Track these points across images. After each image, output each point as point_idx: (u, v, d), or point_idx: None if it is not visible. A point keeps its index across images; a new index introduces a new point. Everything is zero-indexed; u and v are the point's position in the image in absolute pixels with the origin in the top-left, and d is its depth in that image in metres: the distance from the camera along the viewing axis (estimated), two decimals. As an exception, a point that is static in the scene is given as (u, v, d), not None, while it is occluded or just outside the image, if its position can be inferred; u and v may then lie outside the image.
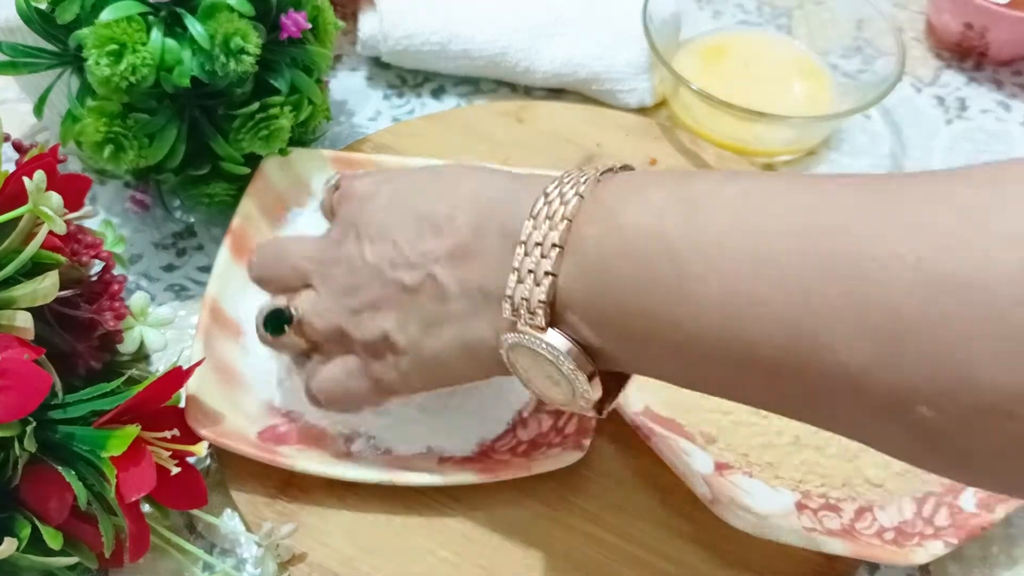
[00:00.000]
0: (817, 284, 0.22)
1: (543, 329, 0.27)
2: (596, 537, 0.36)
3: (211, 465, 0.38)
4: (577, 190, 0.27)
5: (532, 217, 0.28)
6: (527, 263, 0.27)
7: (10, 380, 0.29)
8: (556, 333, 0.27)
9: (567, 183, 0.28)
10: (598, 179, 0.28)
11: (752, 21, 0.57)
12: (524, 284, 0.27)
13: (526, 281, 0.27)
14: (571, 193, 0.27)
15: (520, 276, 0.27)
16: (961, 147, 0.53)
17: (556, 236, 0.27)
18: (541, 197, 0.28)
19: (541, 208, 0.28)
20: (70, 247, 0.35)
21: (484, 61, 0.52)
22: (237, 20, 0.38)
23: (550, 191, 0.28)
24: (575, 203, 0.27)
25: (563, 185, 0.28)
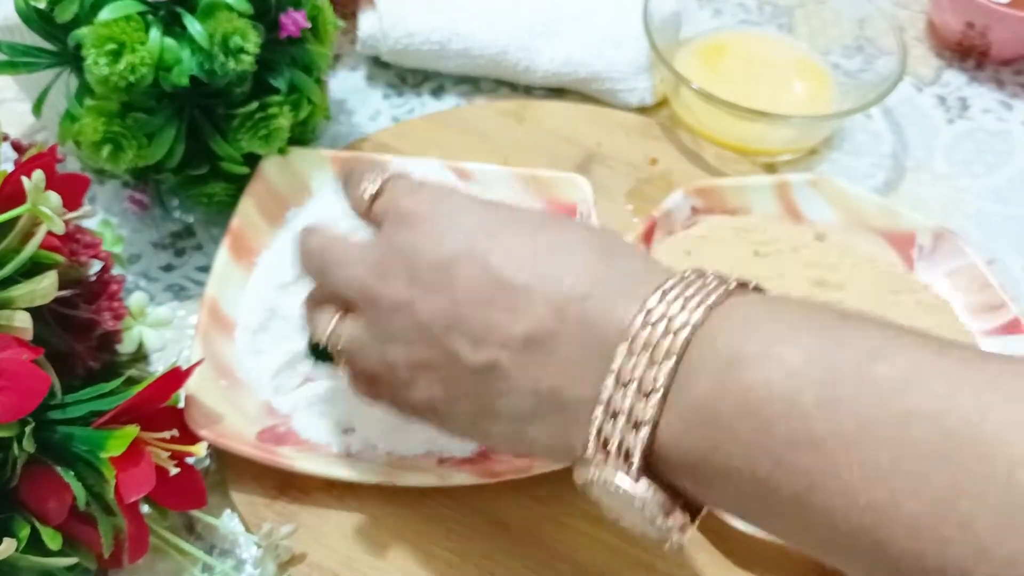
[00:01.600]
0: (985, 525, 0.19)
1: (634, 480, 0.24)
2: (596, 538, 0.36)
3: (210, 466, 0.38)
4: (687, 319, 0.23)
5: (629, 339, 0.23)
6: (619, 398, 0.23)
7: (9, 380, 0.28)
8: (647, 484, 0.24)
9: (673, 298, 0.24)
10: (711, 306, 0.23)
11: (753, 20, 0.57)
12: (615, 425, 0.23)
13: (618, 420, 0.23)
14: (679, 320, 0.23)
15: (609, 411, 0.23)
16: (962, 147, 0.53)
17: (660, 377, 0.23)
18: (641, 314, 0.24)
19: (640, 331, 0.23)
20: (69, 247, 0.35)
21: (484, 60, 0.52)
22: (236, 19, 0.38)
23: (652, 308, 0.24)
24: (685, 336, 0.23)
25: (669, 303, 0.24)
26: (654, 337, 0.23)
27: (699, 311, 0.23)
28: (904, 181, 0.51)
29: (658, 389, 0.23)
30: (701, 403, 0.23)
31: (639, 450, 0.23)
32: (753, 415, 0.22)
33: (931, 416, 0.20)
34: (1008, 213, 0.50)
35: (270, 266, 0.42)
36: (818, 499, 0.21)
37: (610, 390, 0.24)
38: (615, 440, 0.24)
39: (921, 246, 0.44)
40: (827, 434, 0.21)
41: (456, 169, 0.45)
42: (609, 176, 0.49)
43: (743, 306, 0.24)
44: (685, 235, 0.44)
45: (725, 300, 0.24)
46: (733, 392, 0.22)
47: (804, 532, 0.22)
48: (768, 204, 0.45)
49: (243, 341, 0.40)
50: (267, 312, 0.40)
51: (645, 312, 0.24)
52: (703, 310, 0.23)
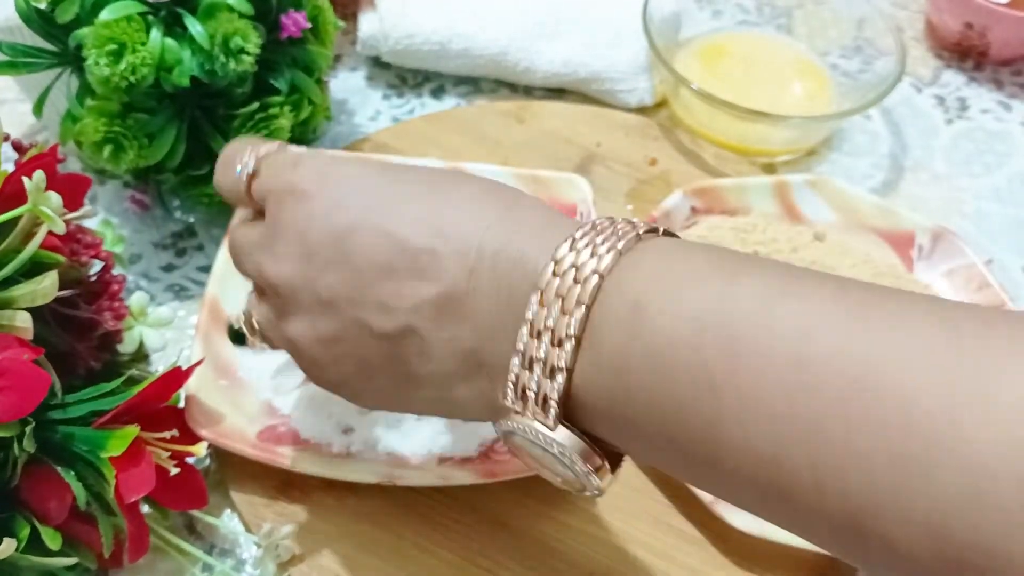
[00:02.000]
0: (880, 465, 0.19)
1: (551, 427, 0.24)
2: (596, 537, 0.36)
3: (210, 465, 0.38)
4: (596, 267, 0.23)
5: (540, 290, 0.23)
6: (534, 347, 0.23)
7: (9, 380, 0.29)
8: (565, 430, 0.24)
9: (583, 246, 0.24)
10: (620, 251, 0.23)
11: (752, 21, 0.57)
12: (532, 373, 0.24)
13: (534, 370, 0.23)
14: (588, 268, 0.23)
15: (525, 361, 0.24)
16: (961, 147, 0.53)
17: (572, 325, 0.23)
18: (551, 264, 0.23)
19: (550, 280, 0.23)
20: (69, 247, 0.35)
21: (484, 61, 0.52)
22: (237, 20, 0.38)
23: (561, 257, 0.23)
24: (594, 285, 0.23)
25: (578, 252, 0.23)
26: (564, 286, 0.23)
27: (608, 257, 0.23)
28: (903, 181, 0.51)
29: (570, 337, 0.23)
30: (611, 350, 0.23)
31: (556, 397, 0.23)
32: (658, 361, 0.22)
33: (826, 360, 0.20)
34: (1007, 213, 0.50)
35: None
36: (721, 443, 0.21)
37: (525, 340, 0.23)
38: (533, 388, 0.24)
39: (920, 246, 0.44)
40: (725, 380, 0.21)
41: (456, 170, 0.45)
42: (609, 176, 0.49)
43: (651, 252, 0.24)
44: (684, 235, 0.44)
45: (635, 246, 0.24)
46: (640, 338, 0.22)
47: (711, 480, 0.23)
48: (767, 204, 0.45)
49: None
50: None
51: (554, 262, 0.24)
52: (612, 256, 0.23)
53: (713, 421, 0.21)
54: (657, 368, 0.22)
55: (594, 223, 0.25)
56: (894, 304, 0.21)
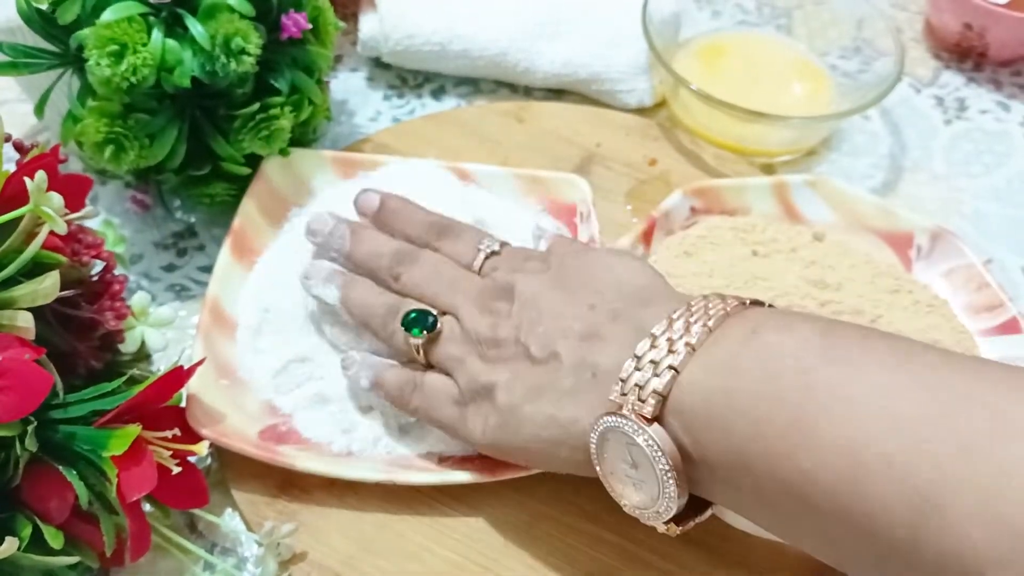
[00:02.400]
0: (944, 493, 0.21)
1: (648, 421, 0.27)
2: (596, 537, 0.36)
3: (212, 464, 0.38)
4: (725, 307, 0.28)
5: (669, 319, 0.28)
6: (650, 354, 0.28)
7: (11, 380, 0.29)
8: (660, 428, 0.27)
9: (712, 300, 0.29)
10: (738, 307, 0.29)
11: (751, 21, 0.57)
12: (642, 372, 0.27)
13: (645, 369, 0.27)
14: (716, 308, 0.28)
15: (639, 364, 0.28)
16: (960, 147, 0.53)
17: (692, 339, 0.27)
18: (683, 307, 0.29)
19: (681, 313, 0.28)
20: (71, 247, 0.35)
21: (484, 61, 0.53)
22: (238, 20, 0.38)
23: (693, 304, 0.29)
24: (719, 315, 0.28)
25: (708, 300, 0.29)
26: (691, 316, 0.28)
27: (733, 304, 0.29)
28: (902, 182, 0.51)
29: (688, 345, 0.27)
30: (724, 356, 0.27)
31: (661, 388, 0.27)
32: (764, 365, 0.26)
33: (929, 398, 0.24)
34: (1006, 213, 0.50)
35: (271, 266, 0.42)
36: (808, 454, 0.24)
37: (644, 348, 0.28)
38: (638, 385, 0.27)
39: (919, 246, 0.44)
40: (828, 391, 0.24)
41: (456, 170, 0.45)
42: (608, 177, 0.49)
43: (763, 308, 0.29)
44: (684, 235, 0.44)
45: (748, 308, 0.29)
46: (753, 348, 0.26)
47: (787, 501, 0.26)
48: (767, 204, 0.45)
49: (244, 341, 0.40)
50: (267, 312, 0.40)
51: (687, 306, 0.29)
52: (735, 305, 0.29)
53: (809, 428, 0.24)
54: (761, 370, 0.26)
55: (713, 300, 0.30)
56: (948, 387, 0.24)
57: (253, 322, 0.40)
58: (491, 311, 0.34)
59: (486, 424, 0.33)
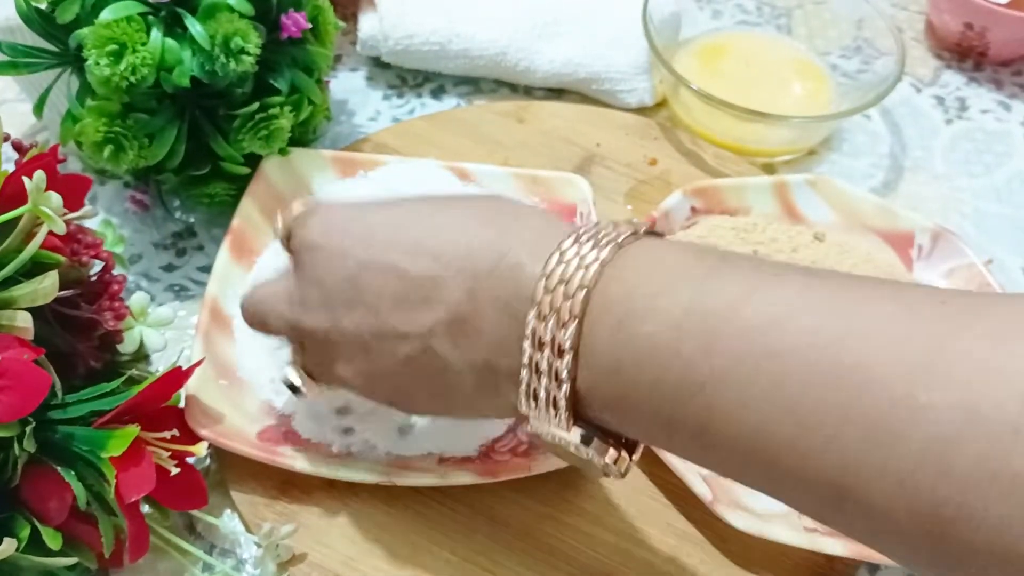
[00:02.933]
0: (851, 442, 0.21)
1: (565, 429, 0.26)
2: (596, 537, 0.36)
3: (211, 465, 0.38)
4: (583, 279, 0.25)
5: (536, 304, 0.25)
6: (538, 358, 0.25)
7: (10, 380, 0.29)
8: (578, 431, 0.26)
9: (570, 259, 0.25)
10: (603, 262, 0.25)
11: (752, 21, 0.57)
12: (540, 382, 0.26)
13: (541, 379, 0.26)
14: (575, 282, 0.25)
15: (533, 371, 0.26)
16: (961, 147, 0.53)
17: (567, 338, 0.25)
18: (542, 279, 0.25)
19: (543, 297, 0.25)
20: (70, 247, 0.35)
21: (484, 61, 0.52)
22: (237, 20, 0.38)
23: (551, 272, 0.25)
24: (582, 298, 0.25)
25: (565, 263, 0.25)
26: (556, 301, 0.25)
27: (594, 268, 0.25)
28: (903, 181, 0.51)
29: (568, 350, 0.25)
30: (605, 358, 0.25)
31: (563, 403, 0.25)
32: (646, 366, 0.24)
33: (795, 347, 0.22)
34: (1006, 213, 0.50)
35: (270, 265, 0.42)
36: (711, 434, 0.23)
37: (529, 352, 0.26)
38: (542, 395, 0.26)
39: (920, 246, 0.44)
40: (707, 377, 0.23)
41: (456, 170, 0.45)
42: (608, 176, 0.49)
43: (633, 260, 0.26)
44: (684, 235, 0.44)
45: (617, 252, 0.26)
46: (627, 346, 0.24)
47: (712, 461, 0.25)
48: (767, 204, 0.45)
49: (243, 341, 0.40)
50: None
51: (545, 277, 0.25)
52: (597, 267, 0.25)
53: (702, 415, 0.23)
54: (645, 371, 0.24)
55: (578, 231, 0.26)
56: (857, 290, 0.23)
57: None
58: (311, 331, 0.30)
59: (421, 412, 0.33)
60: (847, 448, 0.21)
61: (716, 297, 0.24)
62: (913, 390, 0.20)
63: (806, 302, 0.23)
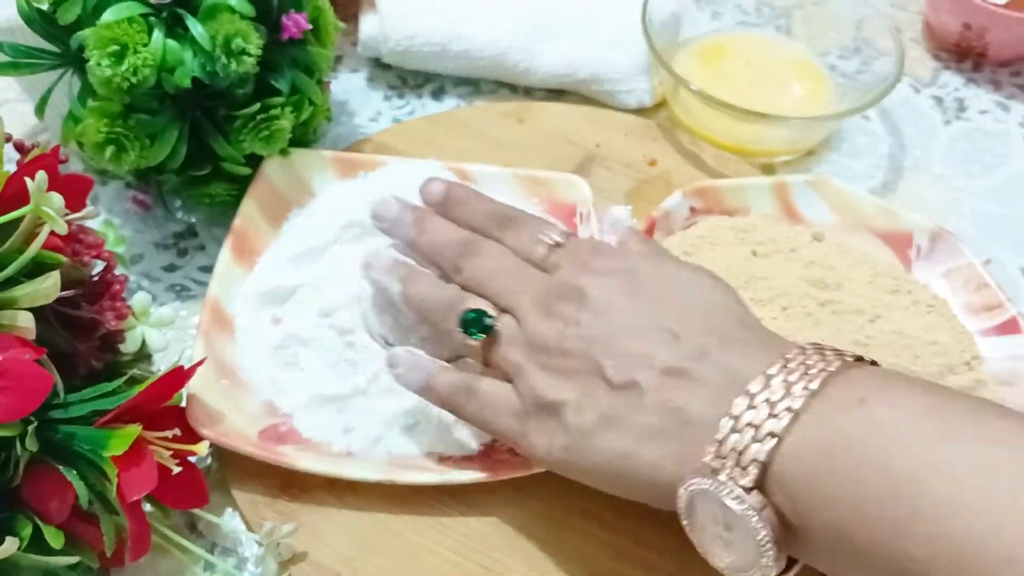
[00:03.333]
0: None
1: (748, 489, 0.26)
2: (597, 536, 0.36)
3: (212, 464, 0.38)
4: (825, 365, 0.26)
5: (766, 376, 0.27)
6: (748, 415, 0.26)
7: (11, 380, 0.29)
8: (760, 496, 0.26)
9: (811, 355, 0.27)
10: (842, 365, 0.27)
11: (751, 22, 0.57)
12: (740, 434, 0.26)
13: (743, 432, 0.26)
14: (816, 365, 0.26)
15: (737, 425, 0.26)
16: (960, 147, 0.53)
17: (795, 403, 0.26)
18: (780, 361, 0.27)
19: (778, 372, 0.27)
20: (71, 247, 0.35)
21: (484, 62, 0.53)
22: (238, 21, 0.38)
23: (790, 357, 0.27)
24: (821, 375, 0.26)
25: (806, 354, 0.27)
26: (791, 378, 0.26)
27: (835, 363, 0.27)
28: (902, 182, 0.51)
29: (791, 411, 0.26)
30: (829, 428, 0.25)
31: (763, 457, 0.25)
32: (872, 443, 0.25)
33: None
34: (1005, 213, 0.50)
35: (270, 265, 0.42)
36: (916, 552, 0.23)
37: (741, 408, 0.26)
38: (737, 451, 0.26)
39: (919, 246, 0.44)
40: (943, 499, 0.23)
41: (456, 170, 0.45)
42: (608, 177, 0.49)
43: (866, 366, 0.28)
44: (684, 235, 0.44)
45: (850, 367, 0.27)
46: (859, 421, 0.25)
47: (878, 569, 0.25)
48: (766, 205, 0.46)
49: (244, 341, 0.40)
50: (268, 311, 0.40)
51: (784, 359, 0.27)
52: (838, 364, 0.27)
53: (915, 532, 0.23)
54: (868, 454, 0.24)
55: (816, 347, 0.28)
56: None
57: (253, 322, 0.40)
58: (556, 315, 0.32)
59: (551, 443, 0.31)
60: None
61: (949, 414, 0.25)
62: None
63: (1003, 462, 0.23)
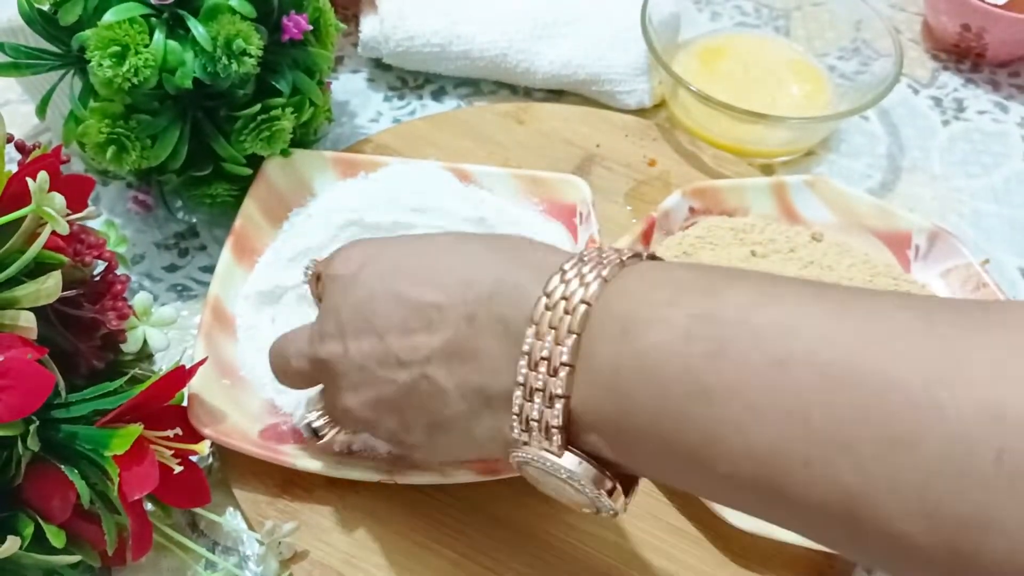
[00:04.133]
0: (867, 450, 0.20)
1: (558, 454, 0.25)
2: (596, 536, 0.37)
3: (213, 464, 0.39)
4: (584, 295, 0.24)
5: (534, 323, 0.25)
6: (533, 379, 0.25)
7: (13, 380, 0.29)
8: (573, 456, 0.25)
9: (571, 278, 0.25)
10: (605, 279, 0.25)
11: (750, 23, 0.57)
12: (533, 403, 0.25)
13: (535, 400, 0.25)
14: (577, 297, 0.24)
15: (527, 393, 0.25)
16: (958, 148, 0.53)
17: (565, 353, 0.24)
18: (543, 298, 0.25)
19: (543, 314, 0.25)
20: (73, 247, 0.35)
21: (484, 62, 0.53)
22: (239, 22, 0.39)
23: (552, 290, 0.25)
24: (583, 312, 0.24)
25: (567, 283, 0.25)
26: (556, 317, 0.25)
27: (595, 285, 0.25)
28: (900, 182, 0.52)
29: (566, 365, 0.24)
30: (605, 373, 0.24)
31: (558, 423, 0.25)
32: (650, 378, 0.23)
33: (807, 356, 0.21)
34: (1003, 214, 0.50)
35: (271, 265, 0.42)
36: (717, 449, 0.22)
37: (524, 372, 0.25)
38: (536, 418, 0.25)
39: (917, 246, 0.44)
40: (715, 385, 0.22)
41: (456, 171, 0.45)
42: (608, 177, 0.49)
43: (636, 276, 0.25)
44: (683, 236, 0.44)
45: (619, 272, 0.25)
46: (630, 359, 0.24)
47: (712, 486, 0.24)
48: (765, 205, 0.46)
49: (245, 341, 0.40)
50: (268, 311, 0.41)
51: (546, 295, 0.25)
52: (598, 284, 0.25)
53: (709, 427, 0.22)
54: (650, 382, 0.23)
55: (581, 254, 0.26)
56: (869, 300, 0.22)
57: (253, 322, 0.40)
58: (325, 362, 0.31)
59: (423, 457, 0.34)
60: (863, 457, 0.20)
61: (725, 306, 0.23)
62: (933, 391, 0.19)
63: (820, 309, 0.22)
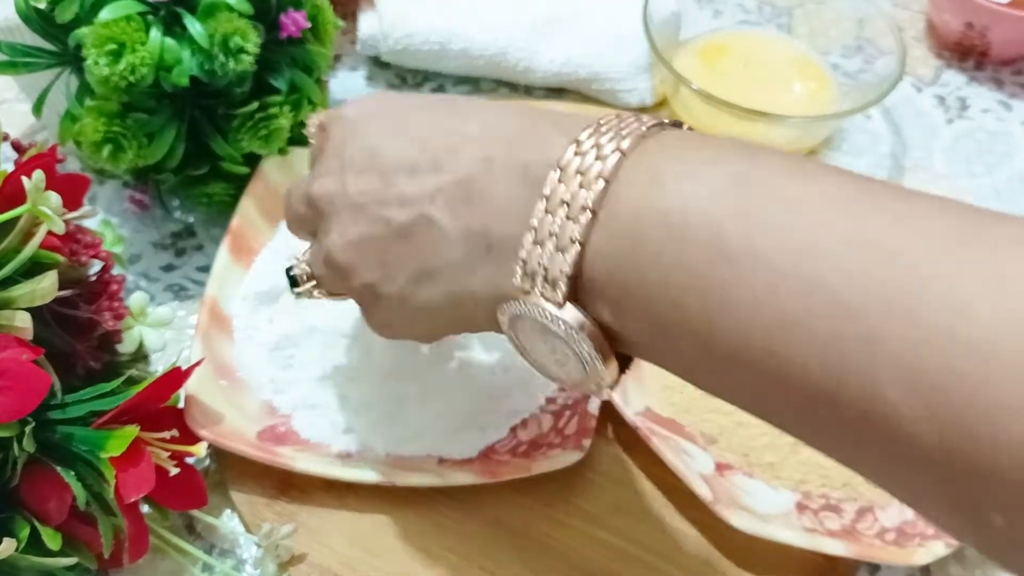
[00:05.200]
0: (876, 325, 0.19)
1: (559, 304, 0.24)
2: (596, 538, 0.36)
3: (210, 466, 0.38)
4: (618, 144, 0.23)
5: (560, 168, 0.24)
6: (549, 223, 0.23)
7: (9, 380, 0.29)
8: (574, 310, 0.24)
9: (605, 132, 0.24)
10: (643, 134, 0.24)
11: (752, 20, 0.57)
12: (543, 248, 0.23)
13: (546, 245, 0.23)
14: (610, 147, 0.23)
15: (538, 237, 0.24)
16: (962, 146, 0.53)
17: (590, 197, 0.23)
18: (572, 145, 0.24)
19: (571, 159, 0.24)
20: (69, 247, 0.35)
21: (484, 60, 0.52)
22: (236, 19, 0.38)
23: (584, 140, 0.24)
24: (615, 160, 0.23)
25: (600, 135, 0.24)
26: (585, 163, 0.23)
27: (628, 139, 0.24)
28: (903, 181, 0.51)
29: (586, 209, 0.23)
30: (625, 219, 0.23)
31: (568, 271, 0.23)
32: (674, 227, 0.22)
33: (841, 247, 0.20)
34: (1007, 212, 0.50)
35: (268, 265, 0.42)
36: (729, 318, 0.21)
37: (540, 216, 0.24)
38: (543, 264, 0.24)
39: (921, 246, 0.44)
40: (741, 250, 0.21)
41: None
42: (609, 176, 0.49)
43: (671, 138, 0.24)
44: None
45: (655, 134, 0.24)
46: (656, 206, 0.23)
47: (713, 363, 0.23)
48: (768, 204, 0.45)
49: (242, 341, 0.40)
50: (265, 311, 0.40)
51: (576, 143, 0.24)
52: (632, 138, 0.24)
53: (724, 289, 0.21)
54: (673, 234, 0.22)
55: (616, 114, 0.25)
56: (908, 197, 0.21)
57: (250, 322, 0.40)
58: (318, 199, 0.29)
59: (386, 317, 0.29)
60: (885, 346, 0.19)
61: (762, 175, 0.22)
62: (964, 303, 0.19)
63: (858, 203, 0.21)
